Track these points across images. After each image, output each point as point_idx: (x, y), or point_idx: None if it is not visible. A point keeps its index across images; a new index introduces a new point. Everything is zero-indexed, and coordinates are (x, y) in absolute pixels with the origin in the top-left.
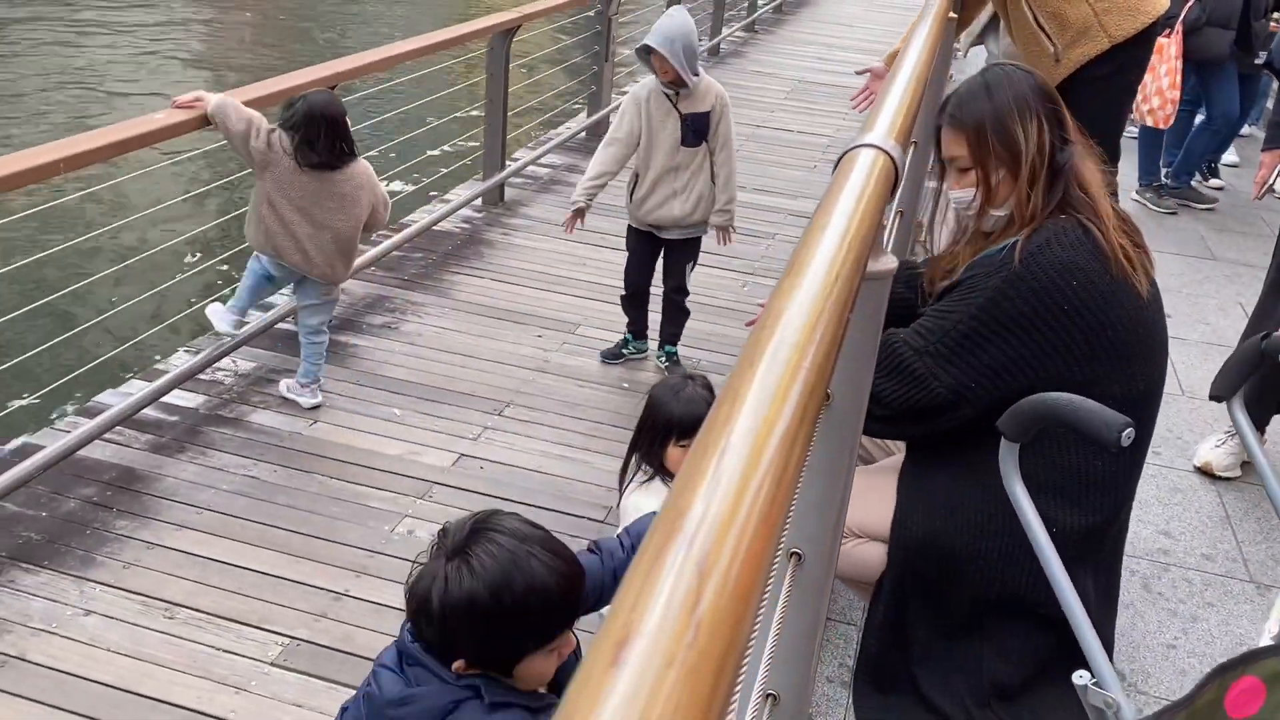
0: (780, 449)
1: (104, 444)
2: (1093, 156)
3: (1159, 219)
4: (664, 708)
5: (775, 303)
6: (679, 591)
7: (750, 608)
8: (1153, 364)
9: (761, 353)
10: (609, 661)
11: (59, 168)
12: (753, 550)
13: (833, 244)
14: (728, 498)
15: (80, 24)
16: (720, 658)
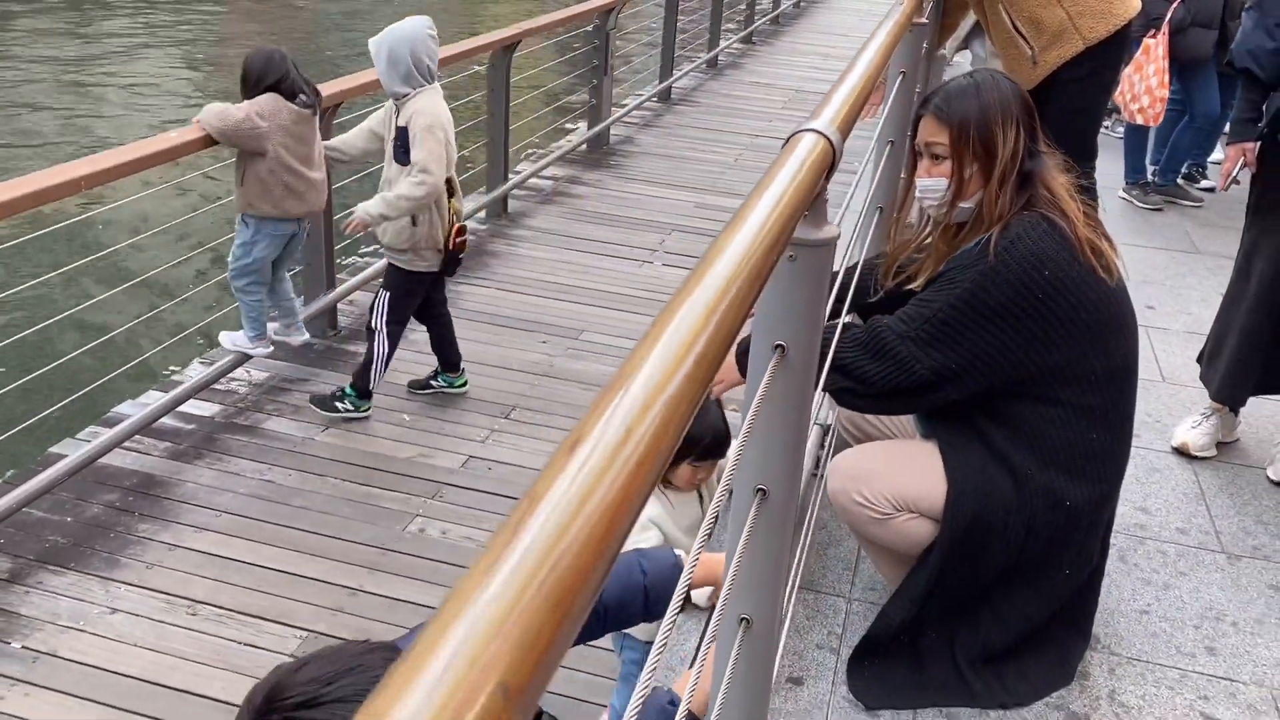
0: (673, 401)
1: (124, 452)
2: (1061, 166)
3: (1146, 215)
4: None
5: (714, 247)
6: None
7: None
8: (1127, 339)
9: (674, 310)
10: (567, 452)
11: (80, 185)
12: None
13: (765, 208)
14: (588, 482)
15: (83, 45)
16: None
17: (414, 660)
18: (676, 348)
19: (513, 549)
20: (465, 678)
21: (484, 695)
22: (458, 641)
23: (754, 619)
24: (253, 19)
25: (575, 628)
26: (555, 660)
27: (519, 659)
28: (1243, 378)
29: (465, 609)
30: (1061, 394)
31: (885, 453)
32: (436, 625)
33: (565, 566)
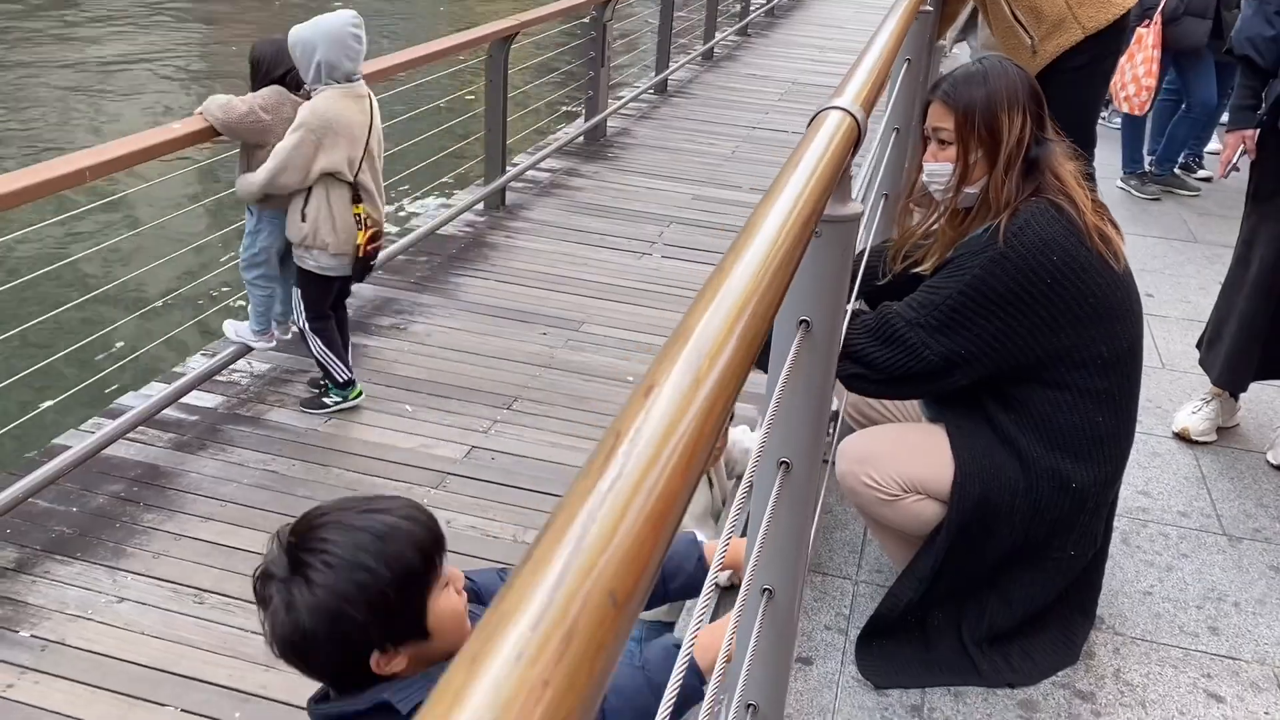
0: (734, 354)
1: (128, 443)
2: (1069, 154)
3: (1143, 205)
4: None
5: (741, 239)
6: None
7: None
8: (1132, 322)
9: (726, 274)
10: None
11: (85, 175)
12: (711, 416)
13: (798, 184)
14: (686, 377)
15: (75, 41)
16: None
17: (531, 569)
18: (724, 318)
19: (606, 476)
20: (579, 587)
21: (596, 602)
22: (569, 555)
23: (776, 590)
24: (242, 23)
25: (667, 547)
26: (654, 575)
27: (625, 570)
28: (1243, 363)
29: (570, 528)
30: (1068, 378)
31: (893, 435)
32: (546, 542)
33: (658, 491)
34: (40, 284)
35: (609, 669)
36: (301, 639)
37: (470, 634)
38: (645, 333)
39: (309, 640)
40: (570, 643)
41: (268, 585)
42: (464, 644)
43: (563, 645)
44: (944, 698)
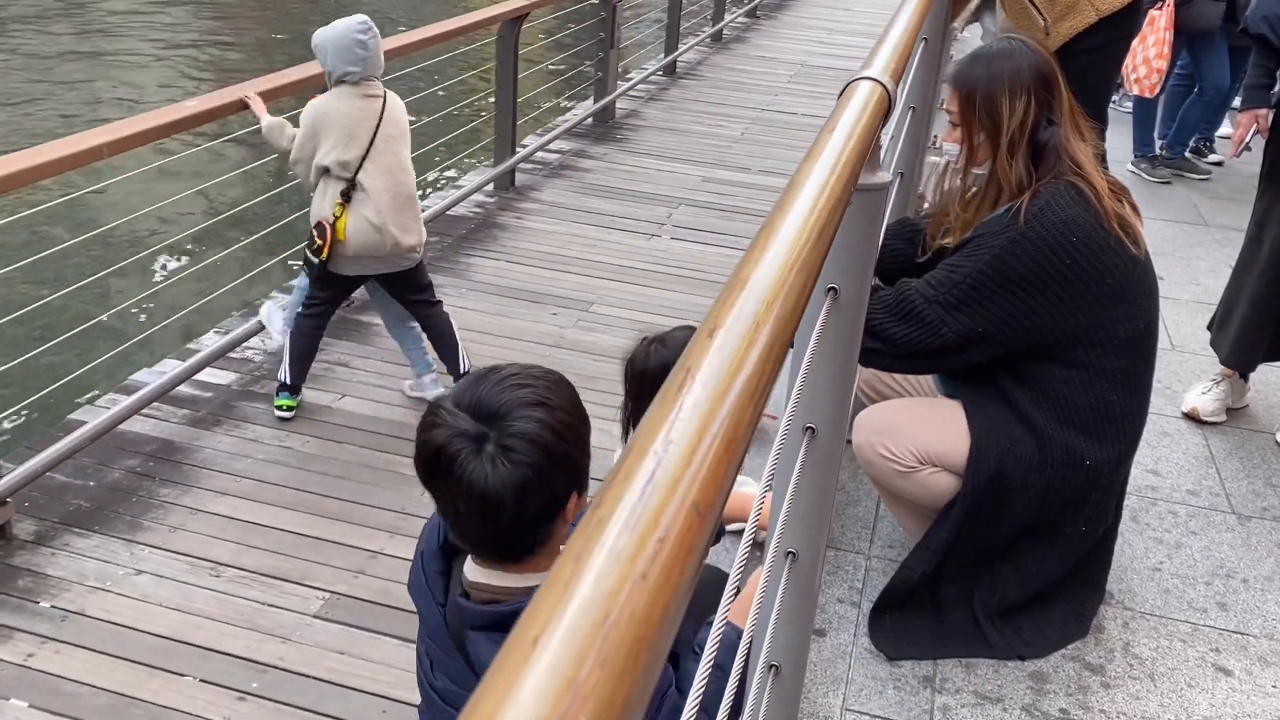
0: (793, 288)
1: (143, 419)
2: (1086, 137)
3: (1154, 188)
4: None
5: (784, 200)
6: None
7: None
8: (1150, 303)
9: (774, 229)
10: (707, 336)
11: (103, 152)
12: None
13: (835, 152)
14: (733, 357)
15: (84, 29)
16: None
17: (621, 480)
18: (777, 268)
19: (682, 405)
20: (668, 498)
21: (684, 511)
22: (654, 470)
23: (801, 553)
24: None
25: (738, 468)
26: (728, 491)
27: (706, 484)
28: (1253, 344)
29: (651, 446)
30: (1084, 357)
31: (910, 409)
32: (632, 459)
33: (728, 418)
34: (55, 261)
35: (696, 570)
36: (499, 497)
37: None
38: (654, 313)
39: (510, 497)
40: (664, 544)
41: (457, 449)
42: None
43: (658, 546)
44: (956, 669)
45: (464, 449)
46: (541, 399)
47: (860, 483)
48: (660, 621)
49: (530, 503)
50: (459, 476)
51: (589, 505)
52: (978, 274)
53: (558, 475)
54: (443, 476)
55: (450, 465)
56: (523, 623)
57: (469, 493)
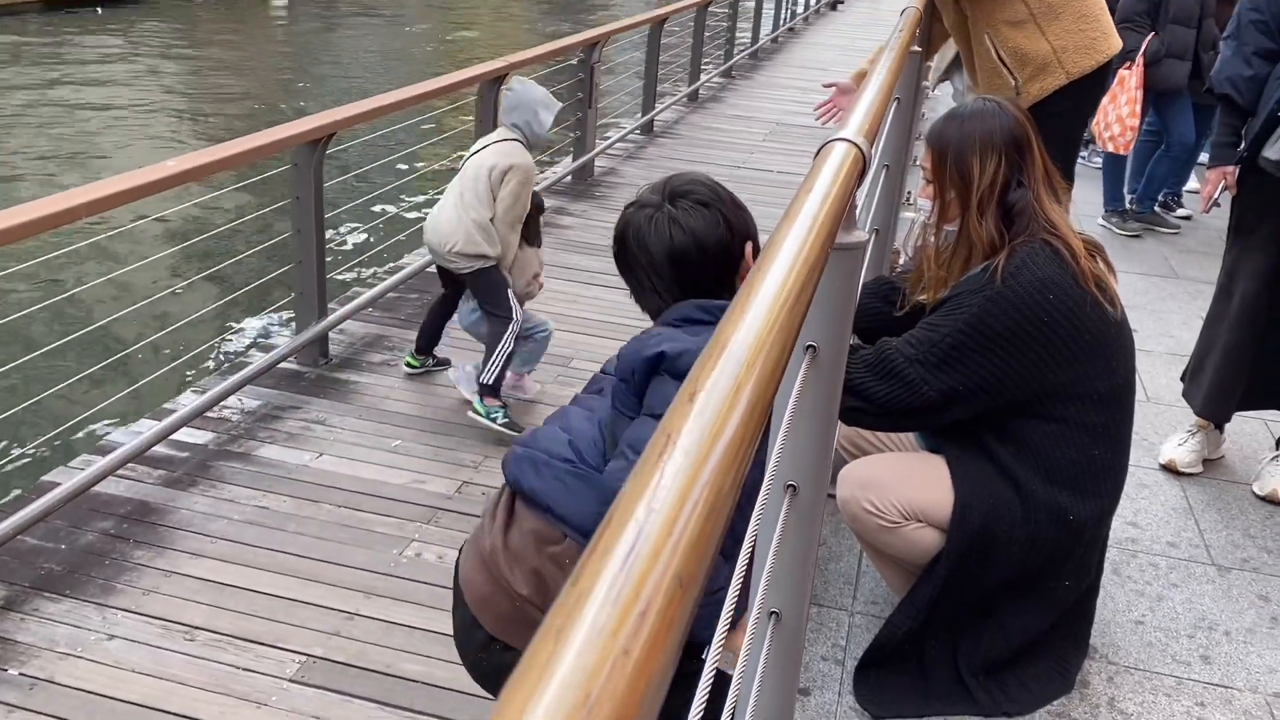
0: (773, 348)
1: (117, 480)
2: (1060, 198)
3: (1125, 242)
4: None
5: (763, 260)
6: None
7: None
8: (1127, 359)
9: (752, 292)
10: (687, 400)
11: (80, 213)
12: (725, 464)
13: (812, 212)
14: (715, 421)
15: (64, 83)
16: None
17: (601, 554)
18: (757, 330)
19: (663, 472)
20: (649, 569)
21: (665, 584)
22: (634, 541)
23: (784, 613)
24: (234, 49)
25: (722, 535)
26: (712, 558)
27: (688, 555)
28: (1226, 394)
29: (632, 516)
30: (1065, 412)
31: (894, 463)
32: (612, 530)
33: (710, 484)
34: (31, 321)
35: (680, 644)
36: (684, 244)
37: None
38: None
39: (693, 238)
40: (646, 618)
41: (641, 219)
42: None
43: (639, 620)
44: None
45: (648, 215)
46: (708, 181)
47: (842, 537)
48: (642, 701)
49: (713, 235)
50: (644, 239)
51: (571, 578)
52: (957, 333)
53: (730, 211)
54: (633, 247)
55: (639, 232)
56: (501, 705)
57: (660, 247)
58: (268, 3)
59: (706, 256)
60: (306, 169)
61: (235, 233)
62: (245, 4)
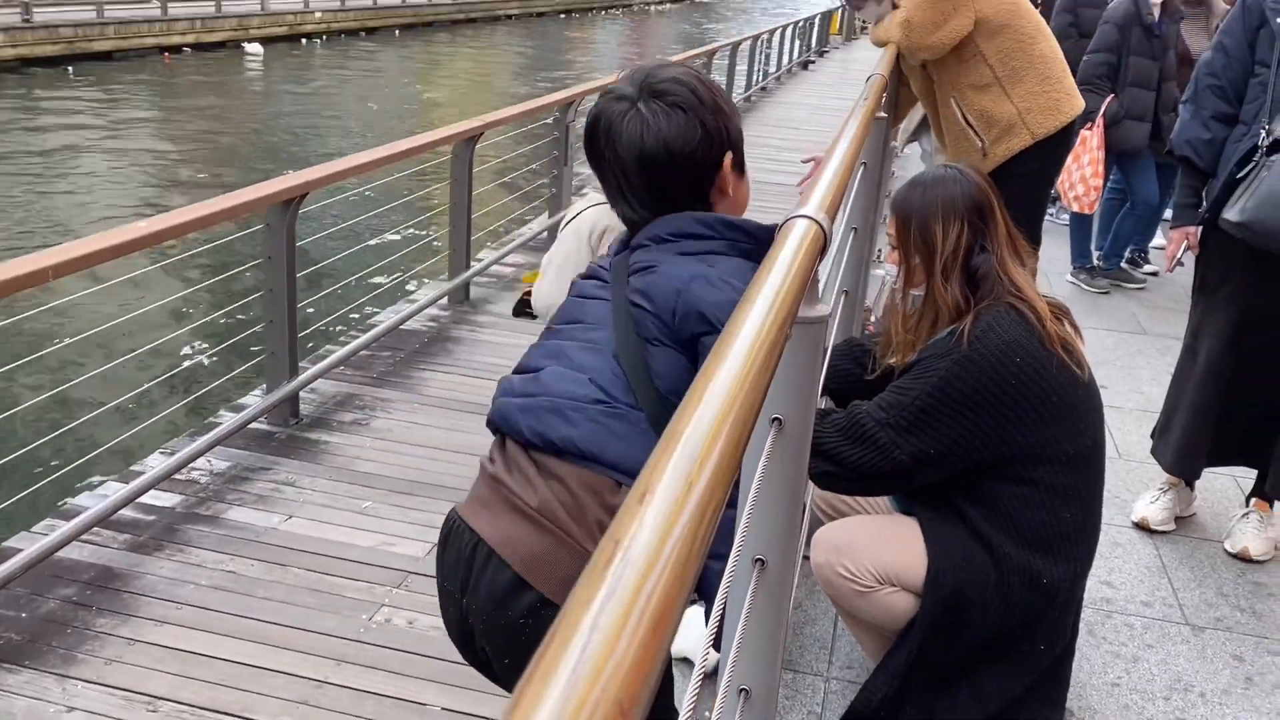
0: (727, 442)
1: (81, 545)
2: (1025, 262)
3: (1093, 299)
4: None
5: (721, 343)
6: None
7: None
8: (1096, 420)
9: (710, 378)
10: (637, 502)
11: (48, 275)
12: (691, 536)
13: (772, 290)
14: (677, 483)
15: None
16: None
17: (540, 679)
18: (711, 421)
19: (605, 585)
20: (587, 695)
21: (604, 712)
22: (575, 664)
23: (753, 690)
24: (208, 104)
25: (666, 652)
26: (656, 680)
27: (630, 678)
28: (1195, 452)
29: (574, 638)
30: (1035, 474)
31: (868, 526)
32: (551, 653)
33: (657, 597)
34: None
35: None
36: (658, 146)
37: None
38: None
39: (667, 141)
40: None
41: (615, 111)
42: None
43: None
44: None
45: (621, 110)
46: (687, 68)
47: (817, 600)
48: None
49: (687, 142)
50: (614, 136)
51: (505, 708)
52: (926, 396)
53: (709, 117)
54: (605, 142)
55: (610, 129)
56: None
57: (629, 149)
58: (242, 54)
59: (679, 165)
60: (279, 228)
61: (206, 291)
62: (219, 57)
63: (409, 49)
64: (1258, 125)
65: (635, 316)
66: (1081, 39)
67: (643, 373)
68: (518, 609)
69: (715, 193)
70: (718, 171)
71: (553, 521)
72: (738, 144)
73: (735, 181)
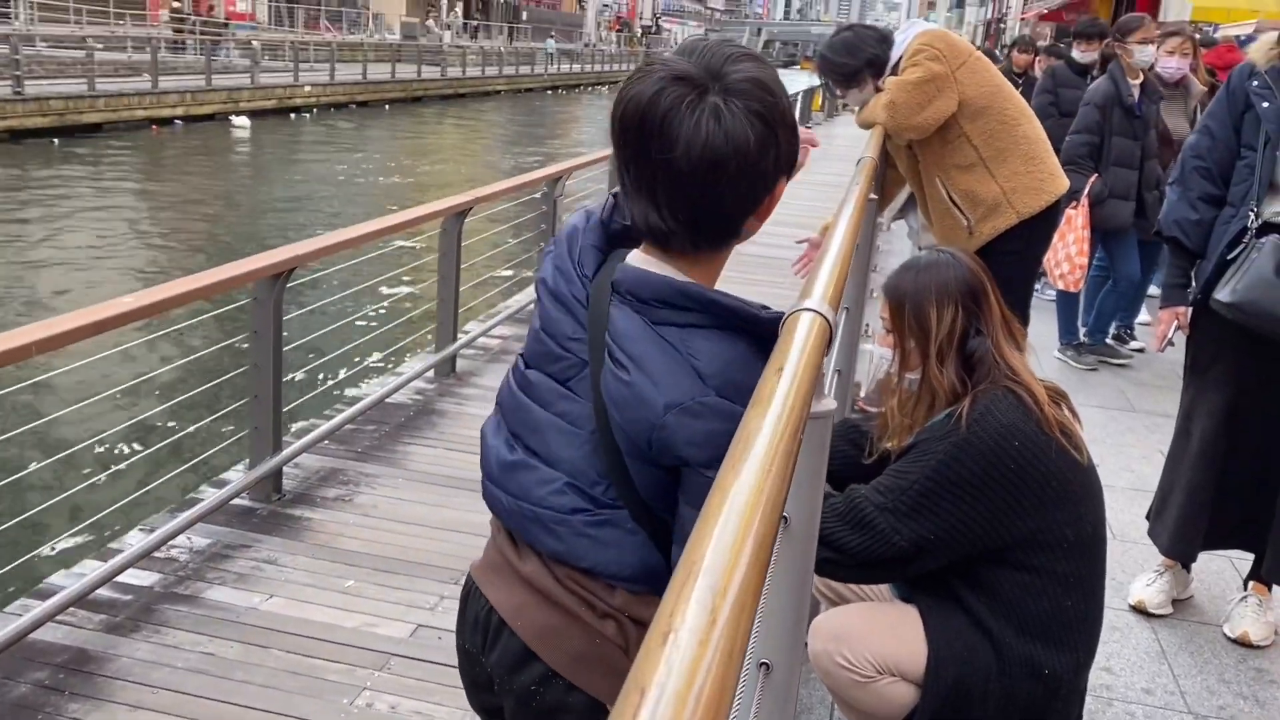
0: (749, 567)
1: (56, 626)
2: (1020, 344)
3: (1081, 375)
4: None
5: (739, 438)
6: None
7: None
8: (1096, 506)
9: (725, 496)
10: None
11: (31, 350)
12: (724, 655)
13: (784, 391)
14: (701, 618)
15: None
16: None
17: None
18: (734, 532)
19: None
20: None
21: None
22: None
23: None
24: (195, 176)
25: None
26: None
27: None
28: (1191, 534)
29: None
30: (1036, 561)
31: (867, 615)
32: None
33: None
34: None
35: None
36: (723, 152)
37: None
38: None
39: (735, 149)
40: None
41: (675, 97)
42: None
43: None
44: None
45: (682, 96)
46: (753, 56)
47: (813, 689)
48: None
49: (761, 158)
50: (671, 125)
51: None
52: (925, 480)
53: (785, 135)
54: (653, 131)
55: (666, 116)
56: None
57: (691, 146)
58: (229, 126)
59: (743, 181)
60: (266, 303)
61: (190, 365)
62: (206, 129)
63: (398, 123)
64: (1246, 207)
65: (609, 414)
66: (1063, 118)
67: (621, 474)
68: (529, 676)
69: (752, 220)
70: (768, 196)
71: (559, 601)
72: (795, 167)
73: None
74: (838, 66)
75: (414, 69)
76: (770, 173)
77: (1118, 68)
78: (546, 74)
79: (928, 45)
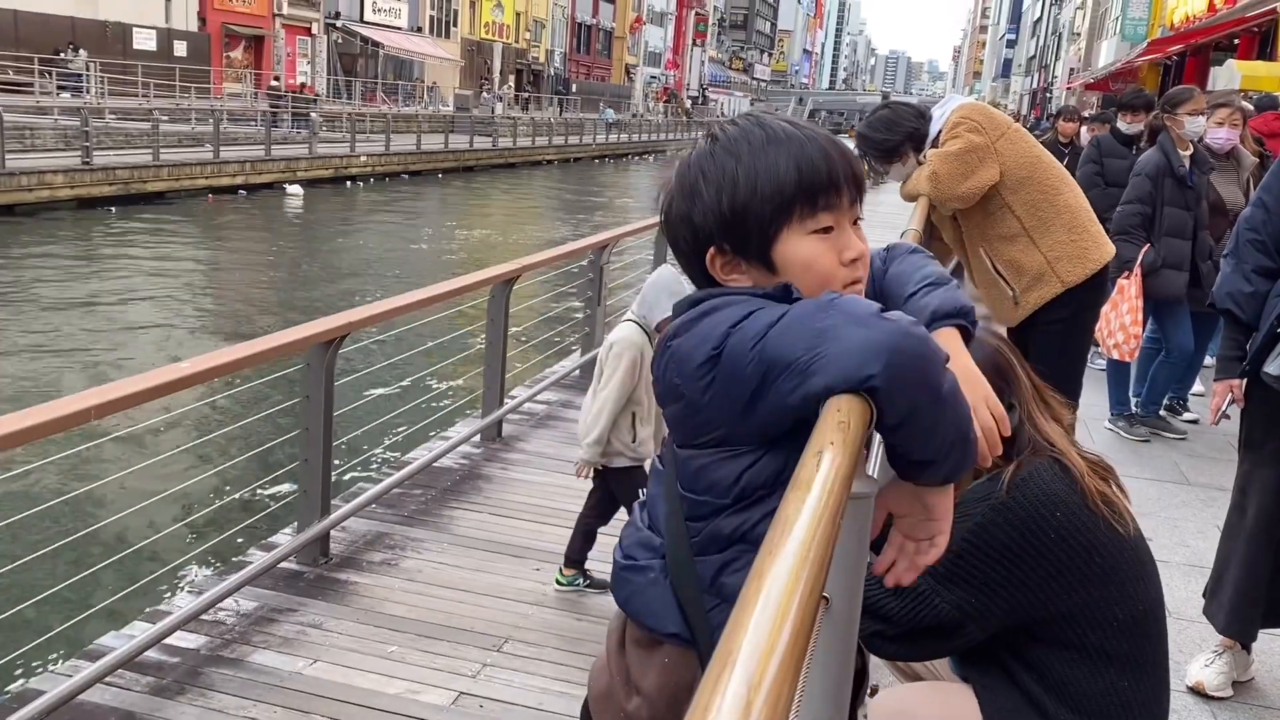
0: (786, 654)
1: (104, 687)
2: (1057, 415)
3: (1133, 447)
4: None
5: (778, 521)
6: None
7: None
8: (1148, 584)
9: (770, 566)
10: None
11: (90, 414)
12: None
13: (824, 475)
14: (747, 683)
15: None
16: None
17: None
18: (769, 624)
19: None
20: None
21: None
22: None
23: None
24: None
25: None
26: None
27: None
28: (1249, 612)
29: None
30: (1085, 639)
31: (926, 693)
32: None
33: None
34: (38, 520)
35: None
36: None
37: None
38: None
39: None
40: None
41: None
42: None
43: None
44: None
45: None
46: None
47: None
48: None
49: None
50: (757, 161)
51: None
52: (962, 542)
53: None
54: (749, 165)
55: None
56: None
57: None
58: (283, 195)
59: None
60: (319, 368)
61: (242, 428)
62: (262, 197)
63: (450, 191)
64: None
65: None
66: (1108, 188)
67: (677, 521)
68: None
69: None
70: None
71: (614, 686)
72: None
73: (795, 246)
74: (878, 143)
75: (466, 139)
76: (702, 225)
77: (1168, 139)
78: (595, 143)
79: (966, 118)
